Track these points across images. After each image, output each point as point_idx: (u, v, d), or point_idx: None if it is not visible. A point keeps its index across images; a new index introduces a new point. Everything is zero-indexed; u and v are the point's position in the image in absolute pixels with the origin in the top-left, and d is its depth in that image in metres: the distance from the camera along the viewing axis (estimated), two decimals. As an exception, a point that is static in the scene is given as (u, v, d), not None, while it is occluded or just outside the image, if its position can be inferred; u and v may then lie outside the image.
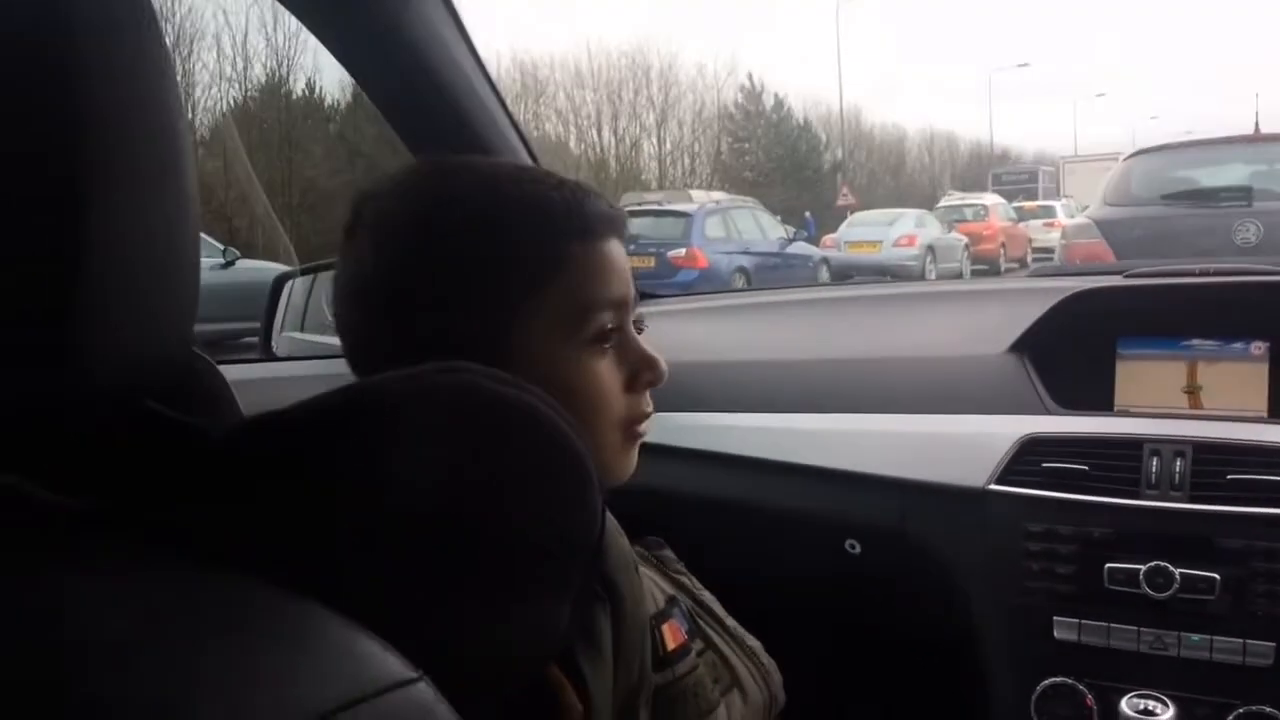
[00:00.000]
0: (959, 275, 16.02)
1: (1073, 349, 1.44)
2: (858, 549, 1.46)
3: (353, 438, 0.54)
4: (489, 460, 0.56)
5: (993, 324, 1.53)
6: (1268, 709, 1.19)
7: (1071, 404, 1.39)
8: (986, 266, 17.35)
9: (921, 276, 14.96)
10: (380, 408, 0.55)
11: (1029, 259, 18.69)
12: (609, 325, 0.78)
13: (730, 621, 0.99)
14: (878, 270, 15.23)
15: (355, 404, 0.55)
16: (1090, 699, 1.27)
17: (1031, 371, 1.44)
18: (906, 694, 1.44)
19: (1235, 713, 1.21)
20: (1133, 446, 1.30)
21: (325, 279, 1.76)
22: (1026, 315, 1.47)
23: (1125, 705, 1.08)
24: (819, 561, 1.50)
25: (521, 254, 0.76)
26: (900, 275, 14.96)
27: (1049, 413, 1.38)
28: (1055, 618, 1.29)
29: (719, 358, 1.68)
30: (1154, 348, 1.43)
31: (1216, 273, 1.55)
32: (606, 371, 0.78)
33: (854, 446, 1.46)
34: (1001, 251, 18.21)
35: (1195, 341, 1.41)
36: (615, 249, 0.81)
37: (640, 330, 0.85)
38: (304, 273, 1.86)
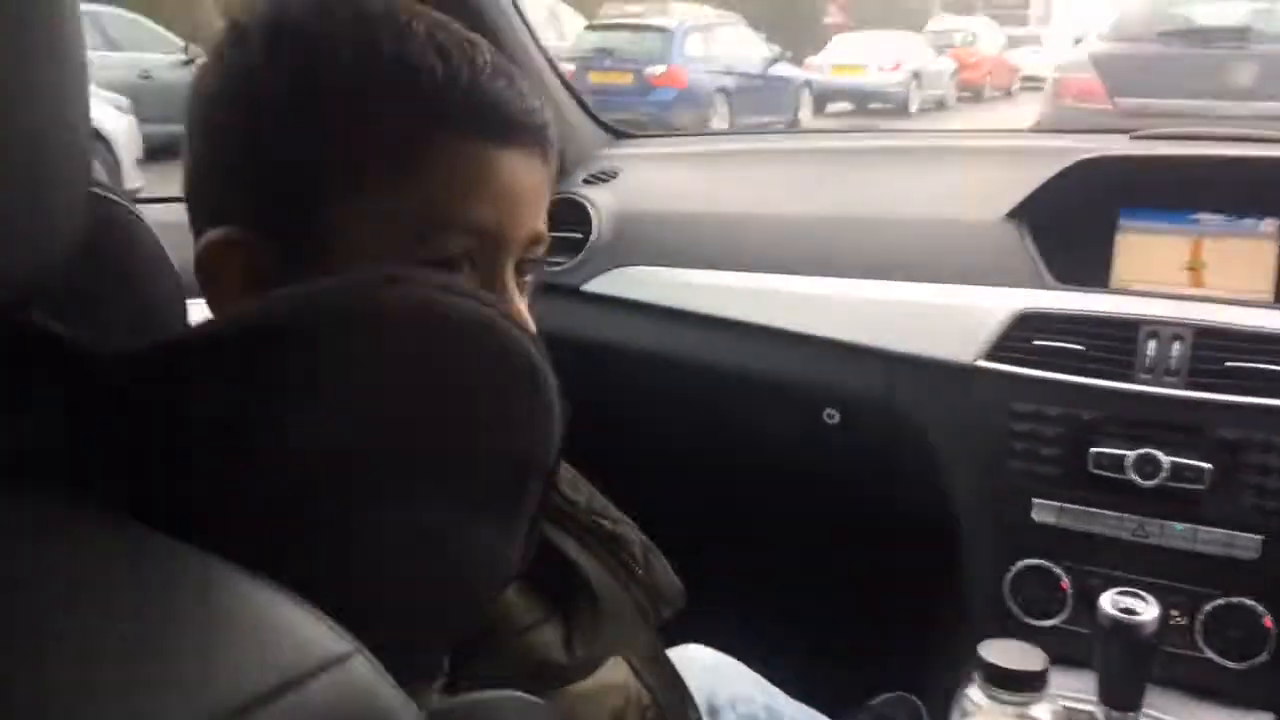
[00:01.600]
0: (944, 102, 15.71)
1: (1073, 218, 1.36)
2: (836, 419, 1.41)
3: (277, 373, 0.46)
4: (435, 381, 0.49)
5: (990, 187, 1.44)
6: (1248, 601, 1.17)
7: (1069, 277, 1.32)
8: (971, 94, 17.01)
9: (906, 101, 14.67)
10: (310, 335, 0.47)
11: (1014, 89, 18.33)
12: (460, 254, 0.62)
13: (589, 505, 0.76)
14: (861, 94, 14.89)
15: (272, 333, 0.47)
16: (1066, 583, 1.25)
17: (1029, 241, 1.36)
18: (879, 571, 1.41)
19: (1214, 603, 1.19)
20: (1130, 328, 1.24)
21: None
22: (1026, 179, 1.39)
23: (1106, 602, 1.05)
24: (793, 430, 1.46)
25: (361, 131, 0.60)
26: (884, 100, 14.66)
27: (1045, 286, 1.31)
28: (1035, 499, 1.26)
29: (692, 209, 1.59)
30: (1158, 220, 1.35)
31: (1228, 138, 1.47)
32: None
33: (837, 312, 1.39)
34: (987, 80, 17.83)
35: (1202, 216, 1.33)
36: (509, 161, 0.62)
37: (525, 281, 0.68)
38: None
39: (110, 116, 5.79)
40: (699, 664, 1.14)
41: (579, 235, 1.55)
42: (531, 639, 0.69)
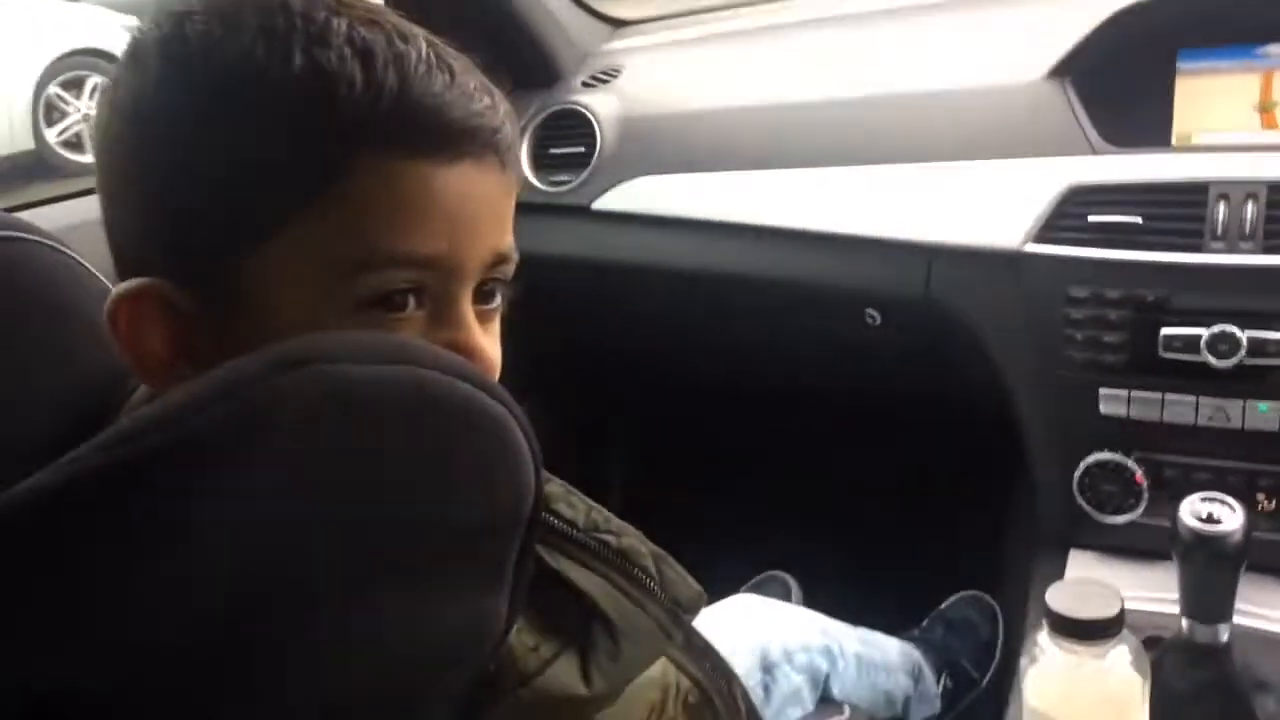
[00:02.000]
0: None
1: (1124, 69, 1.21)
2: (878, 319, 1.31)
3: (159, 510, 0.39)
4: (368, 467, 0.42)
5: (1026, 42, 1.30)
6: (1342, 481, 1.08)
7: (1123, 139, 1.19)
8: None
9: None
10: (189, 461, 0.40)
11: None
12: (398, 289, 0.53)
13: (588, 522, 0.66)
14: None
15: (141, 468, 0.39)
16: (1140, 475, 1.16)
17: (1075, 101, 1.22)
18: (941, 476, 1.34)
19: (1305, 484, 1.09)
20: (1196, 191, 1.11)
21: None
22: (1066, 29, 1.24)
23: (1185, 512, 0.96)
24: (834, 335, 1.36)
25: (264, 158, 0.51)
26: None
27: (1095, 152, 1.18)
28: (1102, 390, 1.16)
29: (704, 105, 1.46)
30: (1221, 58, 1.20)
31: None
32: None
33: (866, 206, 1.28)
34: None
35: (1272, 48, 1.18)
36: (454, 177, 0.53)
37: (493, 308, 0.60)
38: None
39: (124, 40, 5.67)
40: (750, 617, 1.08)
41: (583, 149, 1.44)
42: (545, 681, 0.63)
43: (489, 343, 0.57)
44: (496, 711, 0.60)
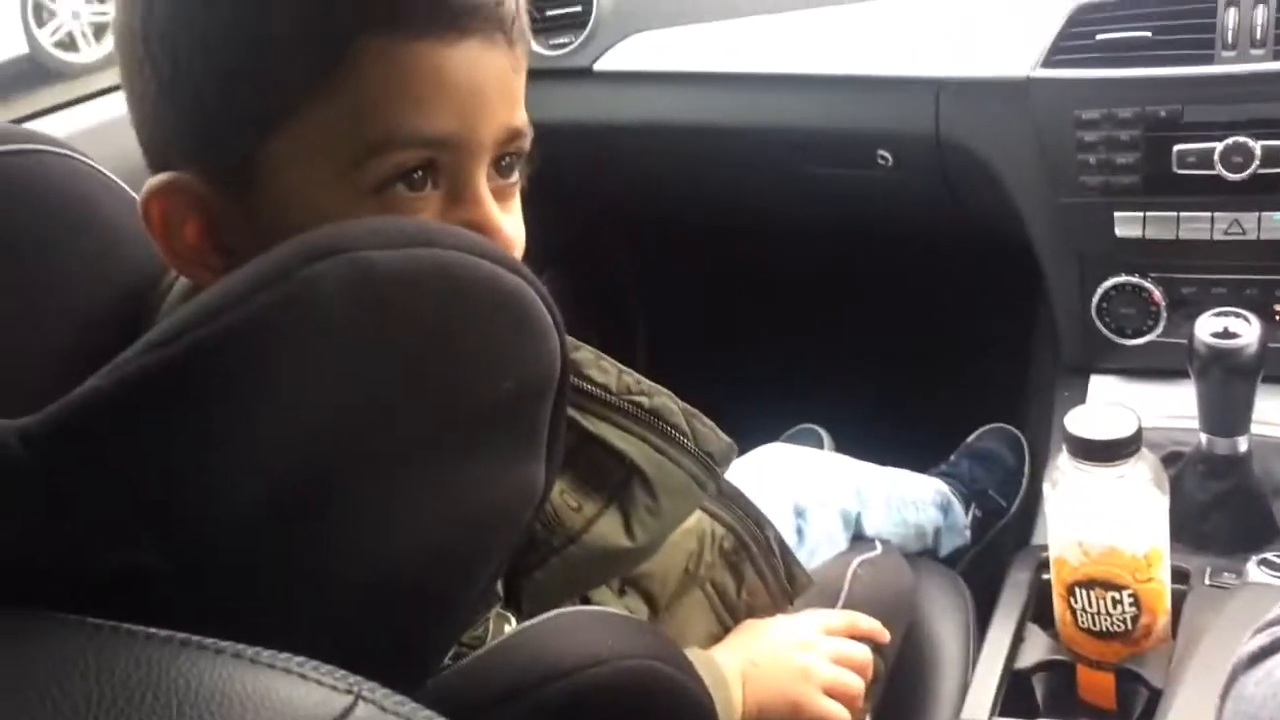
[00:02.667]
0: None
1: None
2: (890, 160, 1.30)
3: (207, 405, 0.41)
4: (400, 347, 0.44)
5: None
6: (1358, 282, 1.08)
7: (1128, -53, 1.15)
8: None
9: None
10: (237, 353, 0.42)
11: None
12: (415, 167, 0.54)
13: (622, 384, 0.69)
14: None
15: (198, 358, 0.41)
16: (1157, 295, 1.17)
17: (1078, -87, 1.18)
18: (962, 309, 1.34)
19: (1321, 290, 1.09)
20: (1205, -1, 1.08)
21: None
22: None
23: (1200, 329, 0.96)
24: (847, 178, 1.35)
25: (273, 42, 0.52)
26: None
27: (1103, -33, 1.15)
28: (1116, 213, 1.15)
29: None
30: None
31: None
32: None
33: (869, 45, 1.26)
34: None
35: None
36: (460, 56, 0.53)
37: (511, 184, 0.60)
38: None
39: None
40: (779, 465, 1.11)
41: (579, 8, 1.41)
42: (591, 537, 0.67)
43: (508, 219, 0.58)
44: (548, 569, 0.64)
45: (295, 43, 0.51)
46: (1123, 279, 1.18)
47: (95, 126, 1.16)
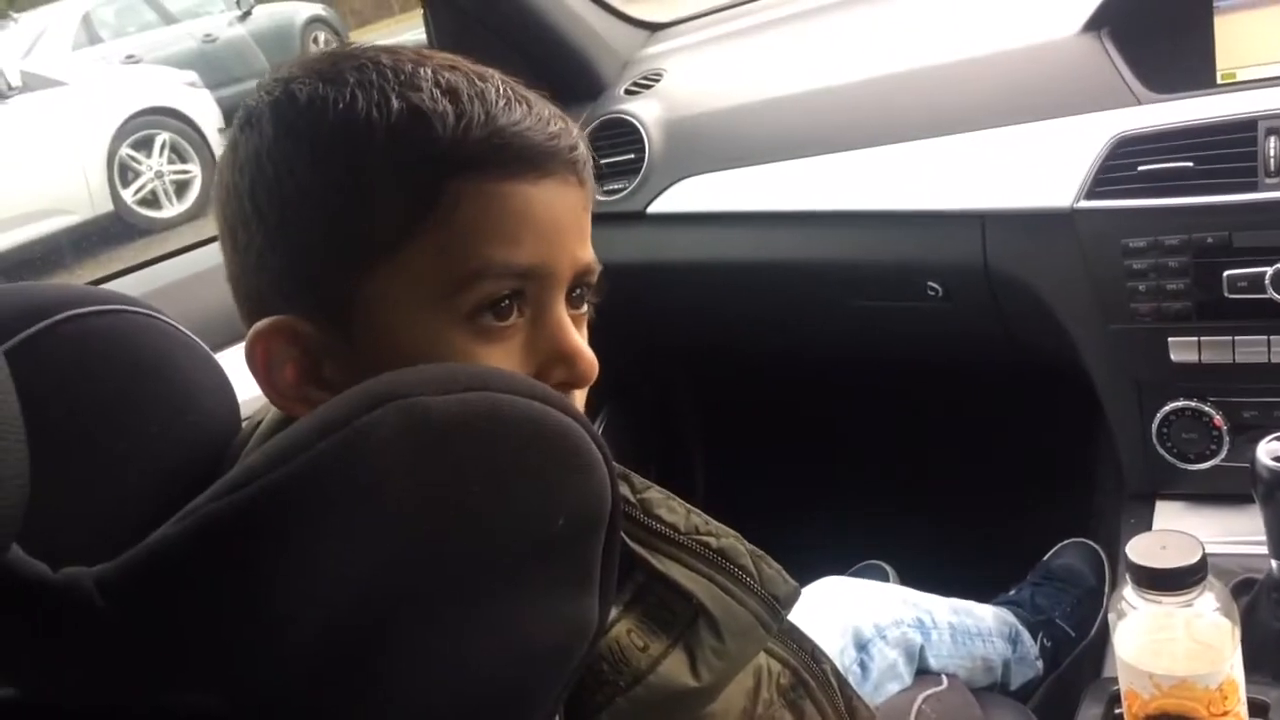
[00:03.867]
0: None
1: (1160, 13, 1.21)
2: (940, 291, 1.32)
3: (271, 550, 0.43)
4: (452, 489, 0.46)
5: (1059, -4, 1.29)
6: None
7: (1166, 84, 1.18)
8: None
9: None
10: (296, 501, 0.44)
11: None
12: (503, 296, 0.58)
13: (690, 524, 0.71)
14: None
15: (258, 507, 0.43)
16: (1219, 419, 1.16)
17: (1112, 51, 1.22)
18: (1023, 436, 1.34)
19: (1387, 412, 1.08)
20: (1245, 129, 1.10)
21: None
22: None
23: (1263, 452, 0.95)
24: (899, 311, 1.37)
25: (373, 190, 0.57)
26: None
27: (1139, 101, 1.18)
28: (1170, 339, 1.15)
29: (746, 99, 1.48)
30: (1258, -9, 1.19)
31: None
32: (495, 358, 0.59)
33: (914, 180, 1.29)
34: None
35: (1311, -26, 1.16)
36: (541, 195, 0.59)
37: (582, 314, 0.65)
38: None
39: (184, 94, 5.86)
40: (840, 597, 1.10)
41: (632, 155, 1.47)
42: (658, 677, 0.67)
43: (582, 341, 0.63)
44: (614, 709, 0.65)
45: (394, 189, 0.56)
46: (1181, 404, 1.17)
47: (174, 283, 1.22)
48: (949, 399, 1.45)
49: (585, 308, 0.65)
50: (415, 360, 0.50)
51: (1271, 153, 1.08)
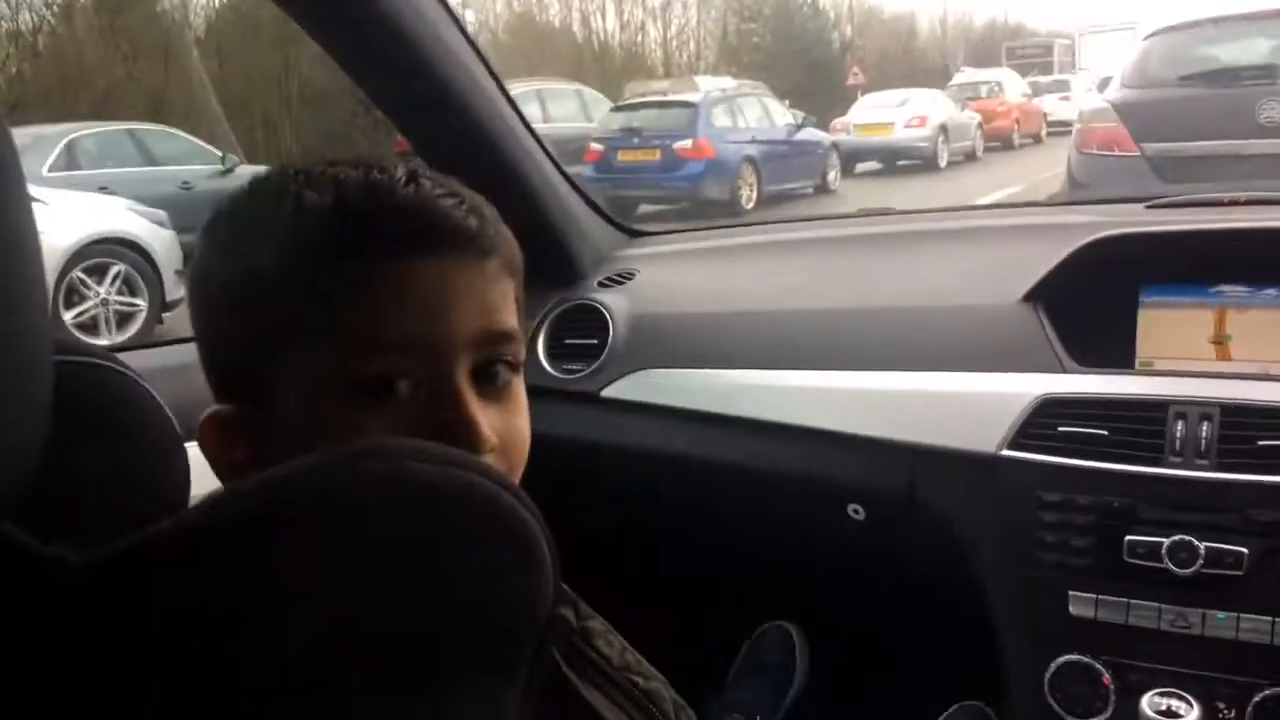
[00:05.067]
0: (973, 154, 15.75)
1: (1091, 297, 1.34)
2: (861, 514, 1.38)
3: (231, 574, 0.45)
4: (414, 557, 0.48)
5: (1006, 269, 1.43)
6: (1298, 691, 1.13)
7: (1090, 359, 1.30)
8: (1000, 144, 17.05)
9: (935, 156, 14.73)
10: (266, 528, 0.46)
11: (1044, 135, 18.36)
12: (388, 373, 0.61)
13: (623, 661, 0.74)
14: (889, 152, 14.95)
15: (232, 526, 0.46)
16: (1107, 678, 1.21)
17: (1046, 324, 1.34)
18: (916, 669, 1.38)
19: (1262, 694, 1.14)
20: (1156, 409, 1.21)
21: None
22: (1041, 259, 1.37)
23: (1146, 705, 1.01)
24: (820, 528, 1.43)
25: (267, 283, 0.61)
26: (912, 156, 14.70)
27: (1066, 370, 1.29)
28: (1071, 592, 1.22)
29: (710, 308, 1.58)
30: (1180, 294, 1.33)
31: (1249, 201, 1.45)
32: (381, 432, 0.60)
33: (857, 406, 1.37)
34: (1016, 128, 17.88)
35: (1225, 287, 1.31)
36: (426, 270, 0.61)
37: (499, 387, 0.66)
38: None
39: (149, 230, 5.95)
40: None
41: (595, 341, 1.55)
42: None
43: (497, 417, 0.64)
44: None
45: (279, 282, 0.61)
46: (1075, 657, 1.22)
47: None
48: (850, 614, 1.49)
49: (502, 380, 0.66)
50: (317, 443, 0.51)
51: (1178, 434, 1.19)
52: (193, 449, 0.67)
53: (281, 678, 0.44)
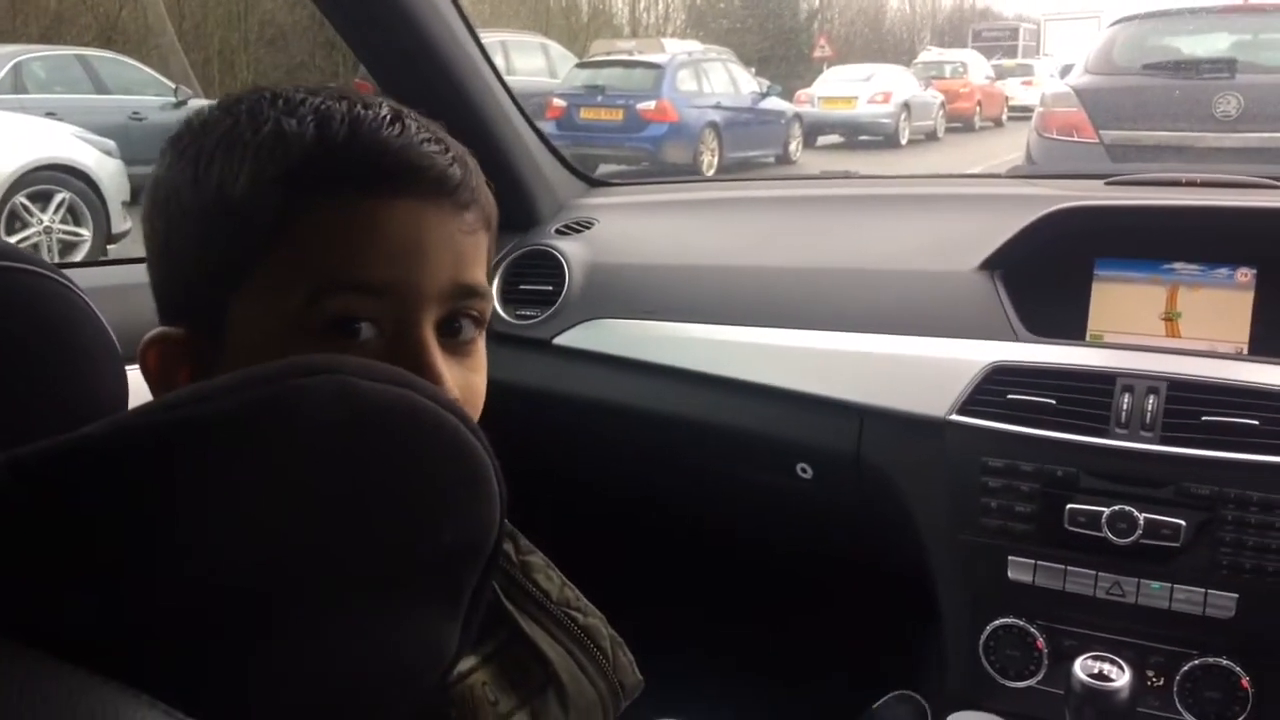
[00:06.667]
0: (934, 133, 15.83)
1: (1047, 268, 1.35)
2: (809, 473, 1.39)
3: (175, 475, 0.43)
4: (363, 475, 0.47)
5: (964, 236, 1.43)
6: (1224, 661, 1.15)
7: (1043, 329, 1.31)
8: (961, 124, 17.15)
9: (896, 133, 14.79)
10: (217, 432, 0.45)
11: (1004, 119, 18.49)
12: (354, 314, 0.59)
13: (562, 596, 0.75)
14: (851, 127, 14.98)
15: (183, 427, 0.44)
16: (1041, 642, 1.23)
17: (1002, 292, 1.35)
18: (857, 625, 1.39)
19: (1191, 663, 1.16)
20: (1104, 381, 1.22)
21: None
22: (1000, 228, 1.38)
23: (1078, 668, 1.03)
24: (767, 485, 1.44)
25: (238, 210, 0.59)
26: (874, 132, 14.76)
27: (1018, 339, 1.30)
28: (1010, 557, 1.24)
29: (665, 261, 1.57)
30: (1133, 270, 1.34)
31: (1204, 183, 1.47)
32: None
33: (809, 365, 1.37)
34: (977, 110, 18.00)
35: (1177, 265, 1.32)
36: (401, 213, 0.60)
37: (463, 342, 0.65)
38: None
39: (96, 159, 5.81)
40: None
41: (550, 288, 1.54)
42: None
43: (459, 372, 0.63)
44: None
45: (254, 209, 0.59)
46: (1010, 620, 1.24)
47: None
48: (793, 570, 1.50)
49: (466, 335, 0.65)
50: None
51: (1124, 407, 1.20)
52: (133, 374, 0.65)
53: (212, 590, 0.43)
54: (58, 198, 5.69)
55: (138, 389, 0.64)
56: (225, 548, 0.43)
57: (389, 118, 0.61)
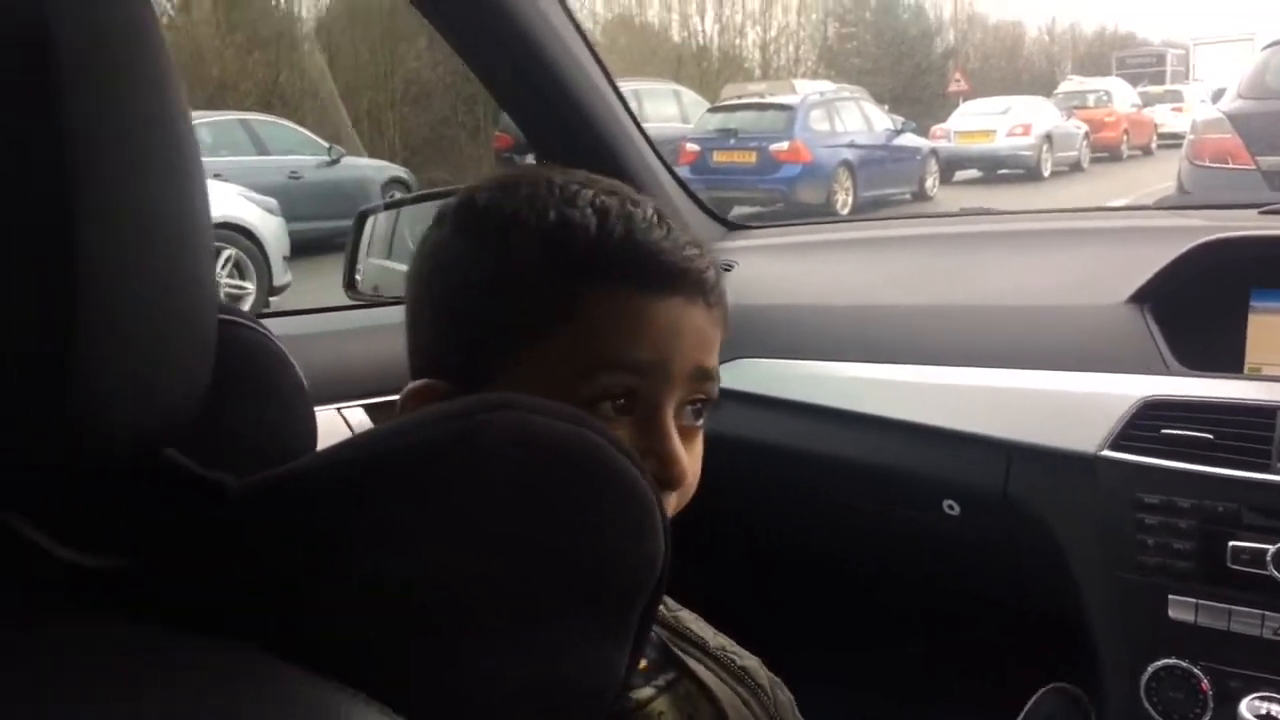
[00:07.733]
0: (1078, 164, 15.40)
1: (1200, 301, 1.32)
2: (957, 510, 1.38)
3: (377, 504, 0.48)
4: (540, 507, 0.51)
5: (1111, 270, 1.41)
6: (1405, 706, 1.10)
7: (1196, 363, 1.28)
8: (1108, 154, 16.65)
9: (1038, 166, 14.44)
10: (409, 465, 0.50)
11: (1153, 146, 17.87)
12: (622, 390, 0.67)
13: (718, 642, 0.82)
14: (990, 161, 14.70)
15: (379, 461, 0.49)
16: (1206, 684, 1.19)
17: (1153, 325, 1.32)
18: (1008, 670, 1.37)
19: (1368, 708, 1.11)
20: (1265, 414, 1.19)
21: (409, 212, 1.72)
22: (1149, 260, 1.35)
23: (1245, 709, 1.00)
24: (914, 521, 1.43)
25: (524, 286, 0.67)
26: (1014, 165, 14.44)
27: (1171, 373, 1.27)
28: (1171, 596, 1.20)
29: (808, 301, 1.59)
30: (1293, 300, 1.30)
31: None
32: None
33: (954, 402, 1.37)
34: (1125, 139, 17.43)
35: (1340, 295, 1.28)
36: (665, 306, 0.67)
37: (693, 428, 0.72)
38: (387, 207, 1.81)
39: (260, 217, 6.15)
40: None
41: (694, 330, 1.57)
42: None
43: (687, 456, 0.69)
44: None
45: (541, 287, 0.67)
46: (1173, 661, 1.21)
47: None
48: (943, 609, 1.49)
49: (700, 421, 0.72)
50: None
51: (1287, 439, 1.17)
52: (321, 414, 0.71)
53: (405, 605, 0.47)
54: (225, 254, 6.03)
55: (325, 428, 0.70)
56: (403, 571, 0.47)
57: (655, 219, 0.69)
